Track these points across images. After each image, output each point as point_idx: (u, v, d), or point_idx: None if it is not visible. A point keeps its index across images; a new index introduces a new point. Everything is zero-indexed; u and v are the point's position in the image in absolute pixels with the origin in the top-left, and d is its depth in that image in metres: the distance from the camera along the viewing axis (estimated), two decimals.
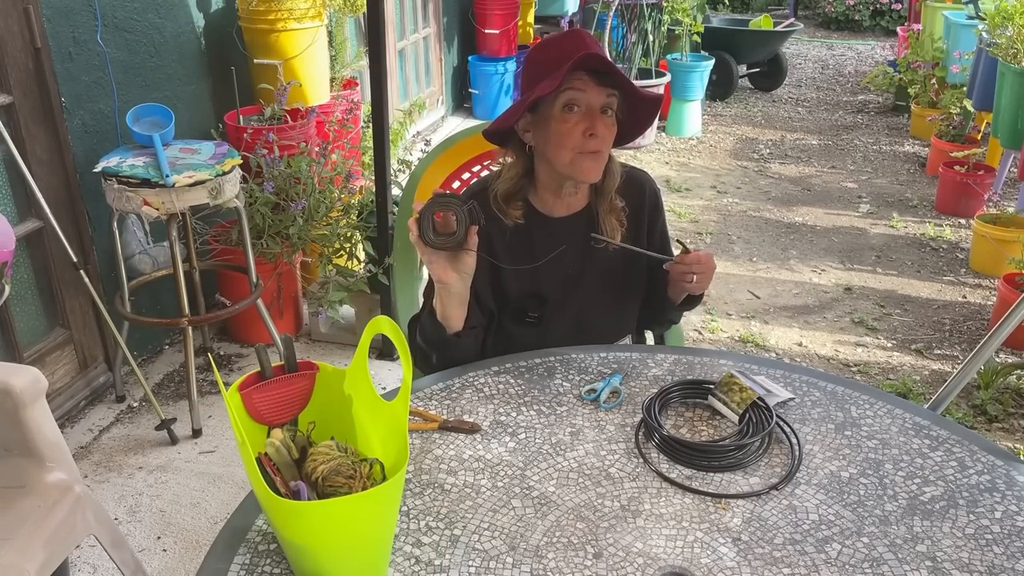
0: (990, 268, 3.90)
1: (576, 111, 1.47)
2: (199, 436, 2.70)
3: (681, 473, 1.23)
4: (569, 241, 1.61)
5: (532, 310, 1.62)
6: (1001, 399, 2.95)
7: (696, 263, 1.53)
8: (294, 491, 1.01)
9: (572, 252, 1.61)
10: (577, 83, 1.45)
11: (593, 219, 1.61)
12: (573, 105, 1.46)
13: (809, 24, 10.52)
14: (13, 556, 1.48)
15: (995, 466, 1.25)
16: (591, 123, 1.46)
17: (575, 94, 1.45)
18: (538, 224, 1.61)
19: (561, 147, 1.49)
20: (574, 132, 1.47)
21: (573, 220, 1.62)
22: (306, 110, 3.30)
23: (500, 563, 1.06)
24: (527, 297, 1.62)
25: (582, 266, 1.63)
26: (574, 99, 1.46)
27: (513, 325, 1.62)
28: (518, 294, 1.61)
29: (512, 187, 1.57)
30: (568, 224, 1.62)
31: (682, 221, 4.55)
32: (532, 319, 1.62)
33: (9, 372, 1.61)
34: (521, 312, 1.62)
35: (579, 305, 1.64)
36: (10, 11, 2.41)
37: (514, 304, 1.62)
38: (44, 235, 2.61)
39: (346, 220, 3.14)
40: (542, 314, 1.62)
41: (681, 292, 1.65)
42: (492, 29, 5.82)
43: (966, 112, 4.99)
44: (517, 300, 1.61)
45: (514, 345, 1.59)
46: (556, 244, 1.59)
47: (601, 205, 1.60)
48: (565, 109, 1.47)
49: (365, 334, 1.08)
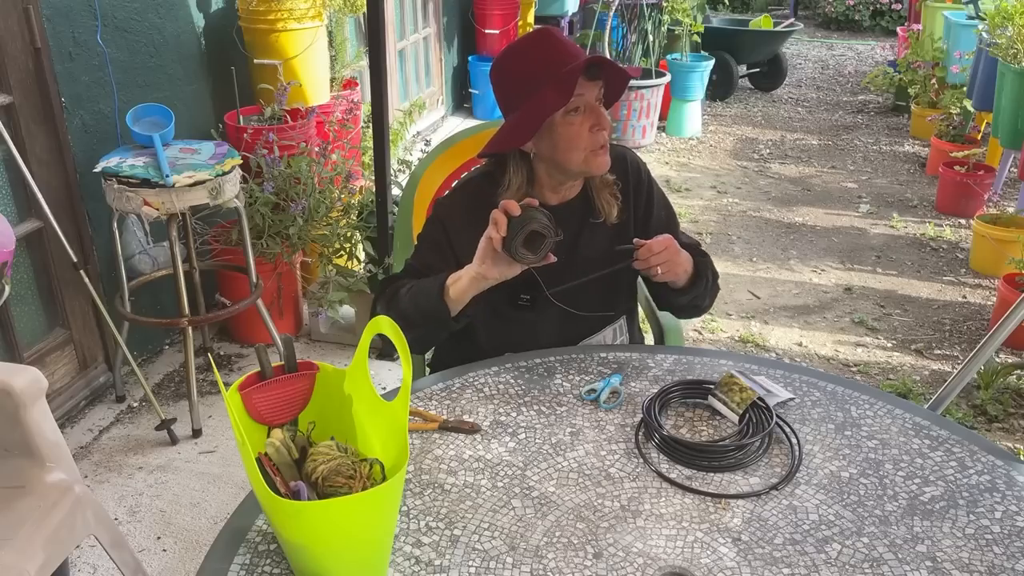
0: (990, 268, 3.90)
1: (578, 113, 1.50)
2: (199, 436, 2.70)
3: (681, 473, 1.24)
4: (565, 227, 1.61)
5: (525, 293, 1.63)
6: (1001, 399, 2.95)
7: (649, 252, 1.51)
8: (294, 491, 1.01)
9: (567, 237, 1.62)
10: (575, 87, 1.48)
11: (588, 200, 1.64)
12: (574, 109, 1.49)
13: (809, 24, 10.52)
14: (13, 556, 1.48)
15: (995, 466, 1.25)
16: (595, 119, 1.50)
17: (576, 99, 1.48)
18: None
19: (572, 149, 1.52)
20: (582, 133, 1.50)
21: (569, 206, 1.64)
22: (306, 110, 3.30)
23: (500, 563, 1.06)
24: (520, 281, 1.62)
25: (574, 249, 1.65)
26: (576, 103, 1.49)
27: (506, 308, 1.63)
28: (512, 278, 1.62)
29: (520, 197, 1.58)
30: (564, 211, 1.63)
31: (682, 221, 4.55)
32: (524, 302, 1.63)
33: (9, 372, 1.61)
34: (514, 295, 1.63)
35: (572, 288, 1.64)
36: (10, 11, 2.41)
37: (507, 287, 1.62)
38: (44, 235, 2.61)
39: (346, 220, 3.14)
40: (535, 297, 1.63)
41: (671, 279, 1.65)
42: (492, 29, 5.83)
43: (966, 112, 4.99)
44: (510, 283, 1.62)
45: (507, 327, 1.61)
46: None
47: (593, 184, 1.64)
48: (569, 113, 1.49)
49: (365, 334, 1.08)
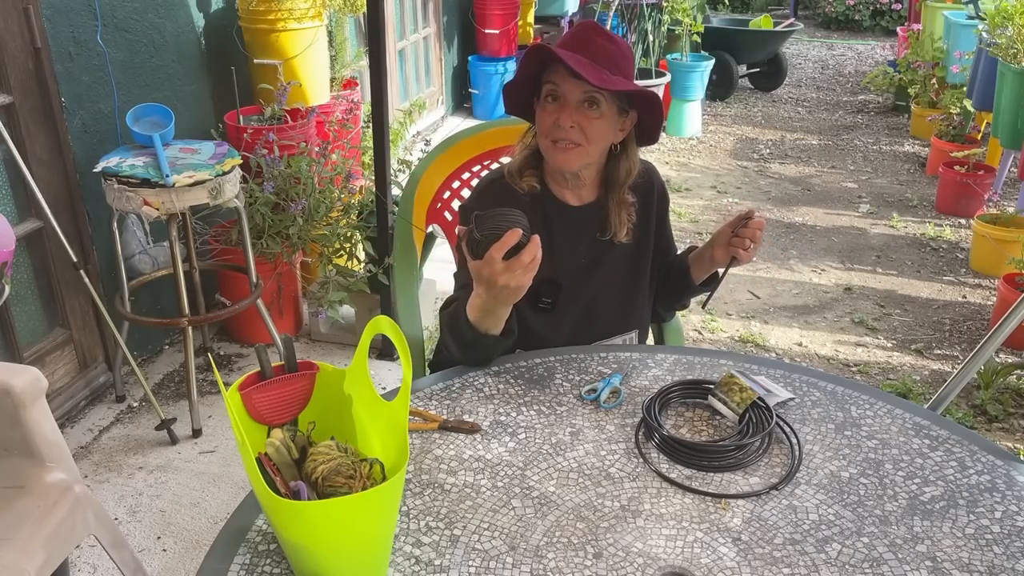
0: (990, 268, 3.90)
1: (555, 102, 1.53)
2: (199, 436, 2.70)
3: (681, 473, 1.23)
4: (584, 232, 1.67)
5: (546, 296, 1.65)
6: (1001, 399, 2.95)
7: (760, 228, 1.58)
8: (294, 491, 1.01)
9: (586, 242, 1.67)
10: (554, 76, 1.52)
11: (604, 211, 1.66)
12: (551, 96, 1.53)
13: (809, 24, 10.52)
14: (13, 556, 1.48)
15: (995, 466, 1.25)
16: (559, 114, 1.52)
17: (552, 86, 1.52)
18: (555, 210, 1.66)
19: (541, 136, 1.58)
20: (547, 121, 1.54)
21: (587, 211, 1.67)
22: (306, 110, 3.30)
23: (500, 563, 1.06)
24: (542, 282, 1.63)
25: (595, 257, 1.67)
26: (551, 91, 1.53)
27: (527, 310, 1.64)
28: (534, 279, 1.63)
29: (523, 162, 1.64)
30: (582, 214, 1.66)
31: (682, 221, 4.55)
32: (545, 305, 1.65)
33: (9, 372, 1.61)
34: (535, 297, 1.64)
35: (591, 294, 1.68)
36: (10, 11, 2.41)
37: (530, 289, 1.63)
38: (44, 235, 2.61)
39: (346, 220, 3.14)
40: (555, 300, 1.65)
41: (705, 271, 1.71)
42: (492, 29, 5.82)
43: (966, 112, 4.99)
44: (533, 285, 1.63)
45: (526, 331, 1.62)
46: (572, 233, 1.66)
47: (611, 199, 1.65)
48: (547, 99, 1.54)
49: (365, 334, 1.08)
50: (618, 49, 1.52)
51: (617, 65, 1.50)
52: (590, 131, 1.52)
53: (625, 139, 1.61)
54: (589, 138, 1.53)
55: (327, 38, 3.47)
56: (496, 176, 1.68)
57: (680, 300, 1.86)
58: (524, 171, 1.64)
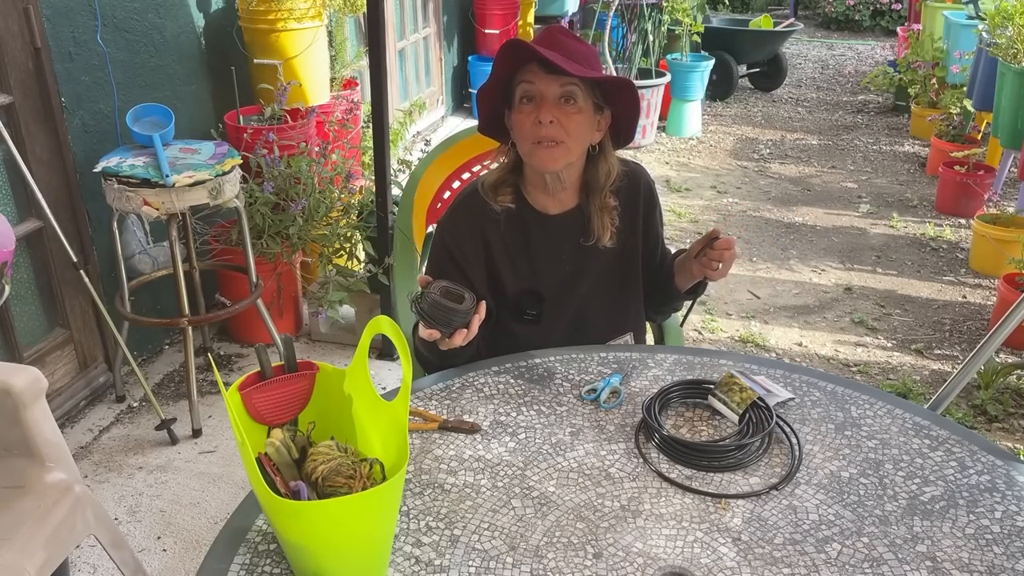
0: (990, 268, 3.90)
1: (531, 102, 1.50)
2: (199, 436, 2.70)
3: (681, 473, 1.23)
4: (566, 239, 1.63)
5: (530, 307, 1.63)
6: (1001, 399, 2.95)
7: (727, 248, 1.56)
8: (294, 491, 1.01)
9: (568, 250, 1.63)
10: (528, 75, 1.49)
11: (585, 217, 1.63)
12: (527, 97, 1.50)
13: (809, 24, 10.52)
14: (13, 556, 1.48)
15: (995, 466, 1.25)
16: (538, 112, 1.48)
17: (527, 86, 1.49)
18: (534, 221, 1.62)
19: (520, 138, 1.54)
20: (527, 122, 1.50)
21: (567, 218, 1.63)
22: (306, 110, 3.30)
23: (500, 563, 1.06)
24: (524, 295, 1.63)
25: (579, 264, 1.64)
26: (527, 91, 1.50)
27: (512, 323, 1.63)
28: (515, 292, 1.62)
29: (499, 178, 1.61)
30: (562, 222, 1.63)
31: (682, 221, 4.55)
32: (531, 316, 1.64)
33: (9, 372, 1.61)
34: (519, 310, 1.63)
35: (577, 303, 1.65)
36: (10, 11, 2.41)
37: (512, 302, 1.63)
38: (44, 235, 2.61)
39: (346, 220, 3.14)
40: (540, 311, 1.63)
41: (689, 280, 1.68)
42: (492, 29, 5.82)
43: (966, 112, 4.99)
44: (515, 298, 1.63)
45: (515, 343, 1.60)
46: (552, 242, 1.62)
47: (592, 203, 1.61)
48: (522, 101, 1.51)
49: (365, 334, 1.08)
50: (587, 48, 1.52)
51: (588, 61, 1.50)
52: (570, 126, 1.49)
53: (603, 140, 1.59)
54: (570, 134, 1.50)
55: (327, 38, 3.47)
56: (471, 191, 1.64)
57: (667, 306, 1.82)
58: (499, 187, 1.60)
